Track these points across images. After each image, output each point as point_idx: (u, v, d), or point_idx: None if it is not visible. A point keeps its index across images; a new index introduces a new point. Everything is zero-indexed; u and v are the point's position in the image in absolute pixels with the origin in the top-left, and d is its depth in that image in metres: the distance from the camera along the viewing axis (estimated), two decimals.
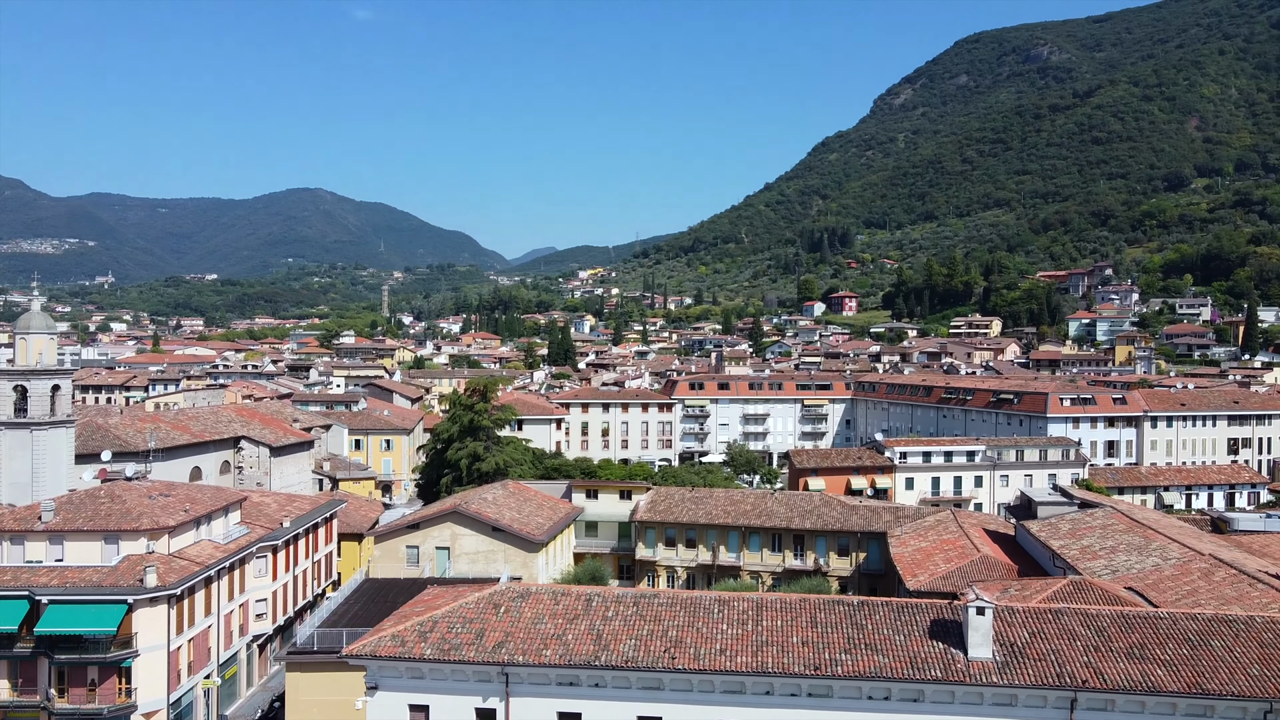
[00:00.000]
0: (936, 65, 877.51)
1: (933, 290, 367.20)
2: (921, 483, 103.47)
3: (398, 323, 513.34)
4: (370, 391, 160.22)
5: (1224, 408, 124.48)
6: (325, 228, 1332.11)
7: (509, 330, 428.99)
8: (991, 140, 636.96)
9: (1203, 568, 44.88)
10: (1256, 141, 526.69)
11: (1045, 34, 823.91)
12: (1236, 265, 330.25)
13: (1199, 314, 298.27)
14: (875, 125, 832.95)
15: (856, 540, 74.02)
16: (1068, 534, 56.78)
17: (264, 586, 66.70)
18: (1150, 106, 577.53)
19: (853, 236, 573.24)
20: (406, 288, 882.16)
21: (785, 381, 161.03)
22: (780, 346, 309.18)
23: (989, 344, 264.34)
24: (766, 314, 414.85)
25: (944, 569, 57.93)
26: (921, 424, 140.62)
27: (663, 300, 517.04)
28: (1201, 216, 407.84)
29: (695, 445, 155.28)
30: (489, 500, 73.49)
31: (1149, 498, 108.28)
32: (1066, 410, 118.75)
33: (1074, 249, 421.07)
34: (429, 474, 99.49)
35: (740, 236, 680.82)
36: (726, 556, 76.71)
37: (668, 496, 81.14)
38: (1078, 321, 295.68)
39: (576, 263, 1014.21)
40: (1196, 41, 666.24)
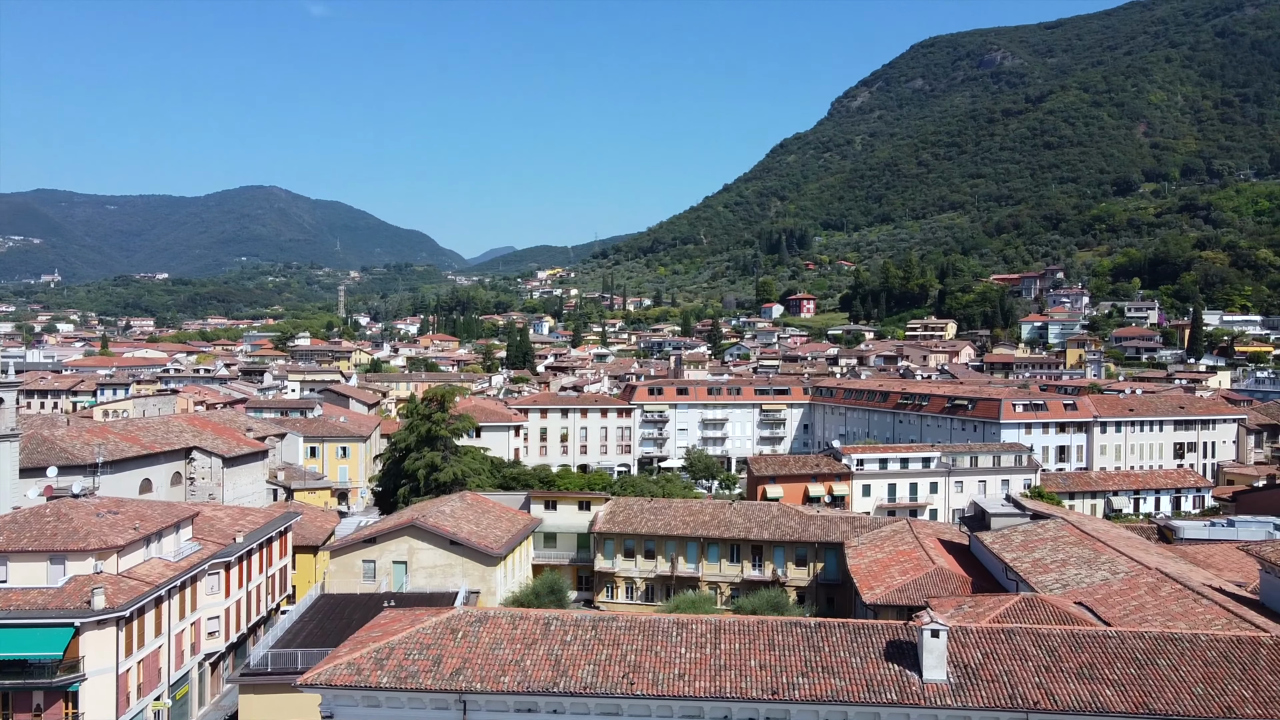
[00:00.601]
0: (893, 69, 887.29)
1: (889, 293, 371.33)
2: (878, 489, 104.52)
3: (354, 324, 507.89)
4: (326, 397, 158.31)
5: (1170, 413, 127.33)
6: (280, 226, 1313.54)
7: (467, 332, 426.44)
8: (946, 144, 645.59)
9: (1150, 582, 45.84)
10: (1201, 148, 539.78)
11: (998, 39, 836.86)
12: (1182, 269, 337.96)
13: (1146, 317, 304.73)
14: (833, 127, 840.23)
15: (814, 550, 74.60)
16: (1020, 546, 57.69)
17: (216, 604, 65.59)
18: (1100, 112, 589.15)
19: (810, 238, 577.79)
20: (363, 288, 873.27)
21: (744, 386, 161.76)
22: (739, 349, 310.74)
23: (944, 346, 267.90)
24: (725, 315, 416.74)
25: (900, 581, 58.62)
26: (878, 429, 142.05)
27: (622, 301, 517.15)
28: (1149, 221, 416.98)
29: (654, 450, 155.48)
30: (447, 513, 72.94)
31: (1099, 502, 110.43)
32: (1019, 416, 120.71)
33: (1026, 252, 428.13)
34: (386, 483, 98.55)
35: (699, 237, 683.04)
36: (685, 567, 76.92)
37: (626, 507, 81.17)
38: (1030, 324, 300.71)
39: (535, 263, 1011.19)
40: (1144, 49, 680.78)
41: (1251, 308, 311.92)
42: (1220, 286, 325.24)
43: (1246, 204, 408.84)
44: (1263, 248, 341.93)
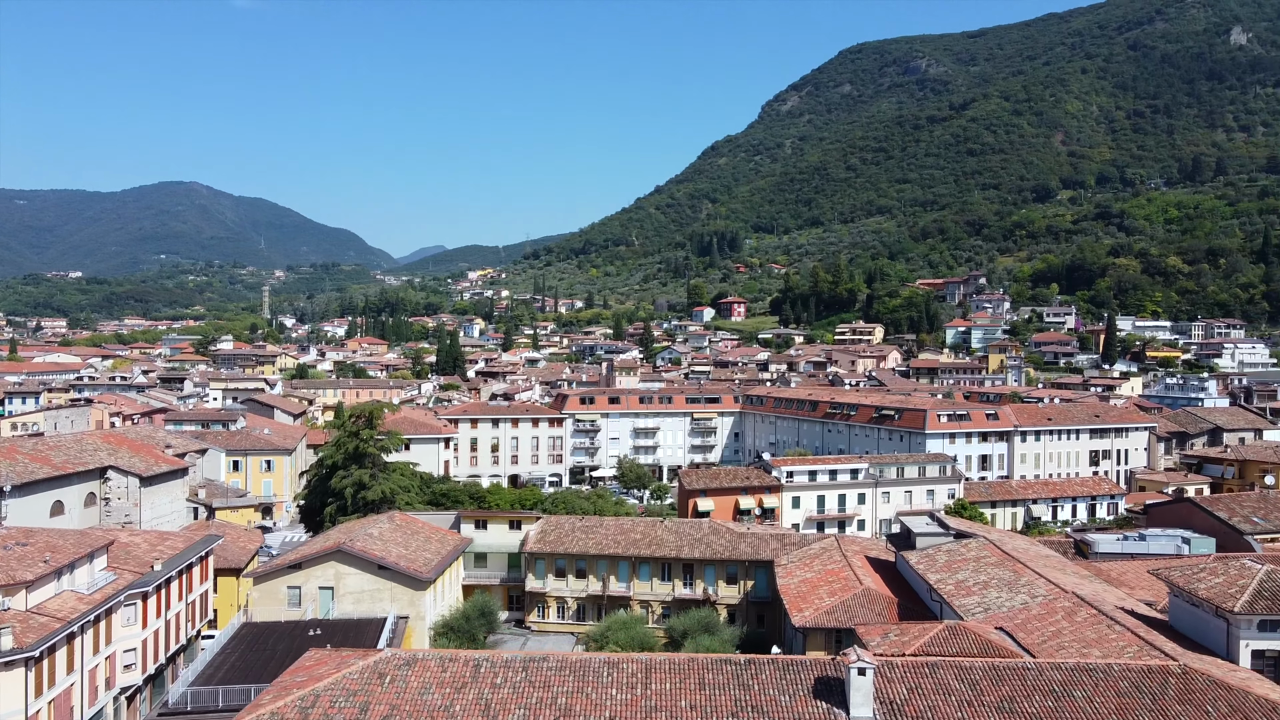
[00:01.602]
0: (821, 74, 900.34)
1: (818, 297, 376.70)
2: (807, 501, 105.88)
3: (279, 325, 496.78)
4: (249, 407, 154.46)
5: (1086, 422, 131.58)
6: (201, 223, 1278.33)
7: (396, 334, 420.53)
8: (874, 149, 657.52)
9: (1066, 606, 47.23)
10: (1115, 156, 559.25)
11: (923, 47, 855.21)
12: (1098, 275, 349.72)
13: (1064, 322, 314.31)
14: (763, 131, 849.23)
15: (745, 569, 75.22)
16: (944, 567, 58.96)
17: (133, 635, 63.39)
18: (1020, 120, 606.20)
19: (741, 241, 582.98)
20: (289, 287, 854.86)
21: (675, 395, 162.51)
22: (670, 352, 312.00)
23: (872, 351, 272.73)
24: (657, 318, 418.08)
25: (829, 603, 59.44)
26: (808, 438, 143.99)
27: (553, 303, 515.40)
28: (1066, 228, 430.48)
29: (586, 460, 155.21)
30: (375, 536, 71.76)
31: (1019, 510, 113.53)
32: (944, 426, 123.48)
33: (951, 257, 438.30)
34: (312, 501, 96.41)
35: (631, 239, 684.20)
36: (617, 586, 76.91)
37: (558, 526, 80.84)
38: (954, 329, 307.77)
39: (466, 262, 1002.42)
40: (1061, 59, 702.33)
41: (1162, 313, 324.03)
42: (1133, 293, 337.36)
43: (1157, 212, 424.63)
44: (1172, 255, 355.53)
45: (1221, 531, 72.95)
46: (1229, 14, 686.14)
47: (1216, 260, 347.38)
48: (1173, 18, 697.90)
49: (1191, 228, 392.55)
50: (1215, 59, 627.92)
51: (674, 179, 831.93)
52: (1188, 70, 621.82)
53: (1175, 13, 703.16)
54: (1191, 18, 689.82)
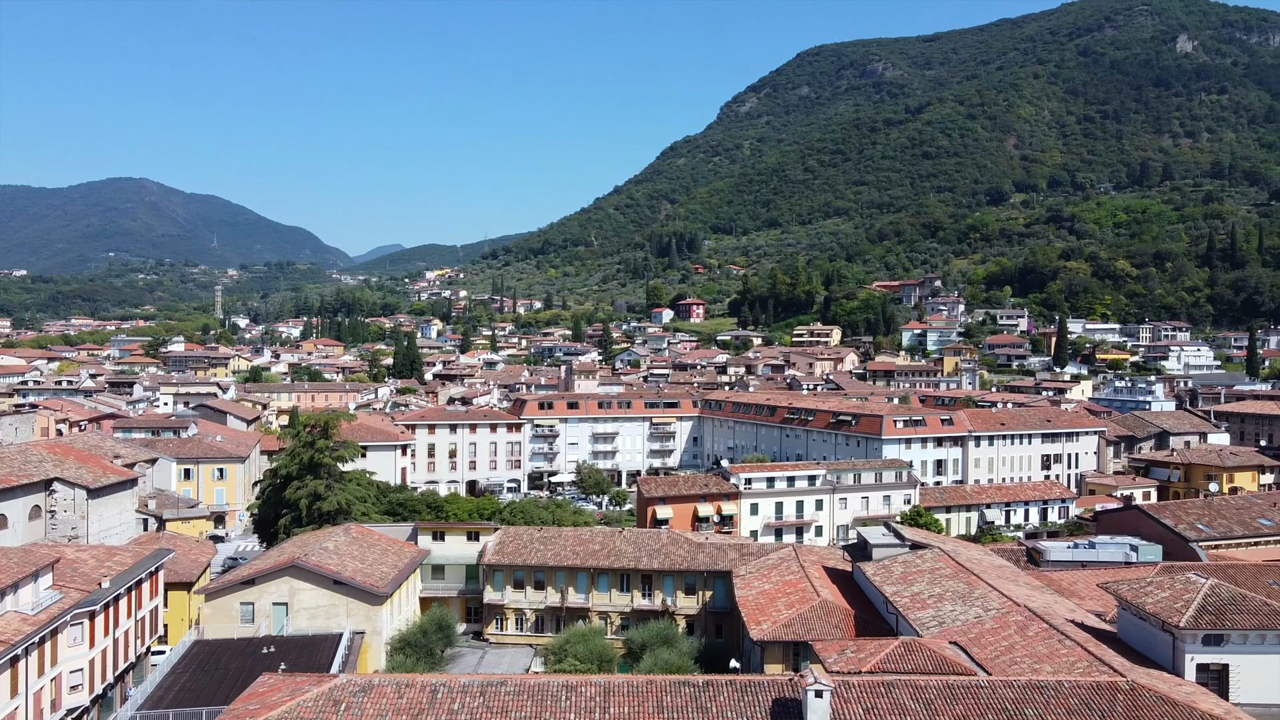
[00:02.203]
0: (780, 76, 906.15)
1: (777, 299, 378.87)
2: (766, 508, 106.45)
3: (232, 326, 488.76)
4: (201, 413, 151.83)
5: (1038, 426, 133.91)
6: (151, 220, 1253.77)
7: (352, 335, 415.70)
8: (831, 151, 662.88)
9: (1019, 621, 47.97)
10: (1066, 160, 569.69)
11: (880, 50, 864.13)
12: (1049, 278, 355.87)
13: (1017, 325, 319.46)
14: (722, 132, 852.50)
15: (703, 579, 75.43)
16: (900, 579, 59.60)
17: (80, 655, 62.00)
18: (974, 125, 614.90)
19: (700, 241, 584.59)
20: (242, 287, 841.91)
21: (634, 400, 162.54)
22: (629, 354, 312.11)
23: (829, 353, 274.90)
24: (616, 320, 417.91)
25: (786, 616, 59.81)
26: (766, 443, 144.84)
27: (512, 304, 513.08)
28: (1019, 231, 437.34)
29: (545, 465, 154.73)
30: (330, 550, 70.85)
31: (973, 515, 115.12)
32: (900, 432, 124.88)
33: (907, 259, 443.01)
34: (266, 512, 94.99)
35: (590, 239, 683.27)
36: (575, 598, 76.73)
37: (516, 537, 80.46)
38: (910, 332, 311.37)
39: (424, 261, 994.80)
40: (1014, 65, 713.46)
41: (1111, 316, 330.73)
42: (1083, 295, 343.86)
43: (1106, 216, 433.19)
44: (1121, 259, 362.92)
45: (1168, 539, 74.60)
46: (1175, 22, 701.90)
47: (1163, 264, 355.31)
48: (1121, 25, 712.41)
49: (1139, 232, 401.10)
50: (1162, 66, 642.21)
51: (633, 179, 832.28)
52: (1136, 77, 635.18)
53: (1124, 20, 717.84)
54: (1139, 25, 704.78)
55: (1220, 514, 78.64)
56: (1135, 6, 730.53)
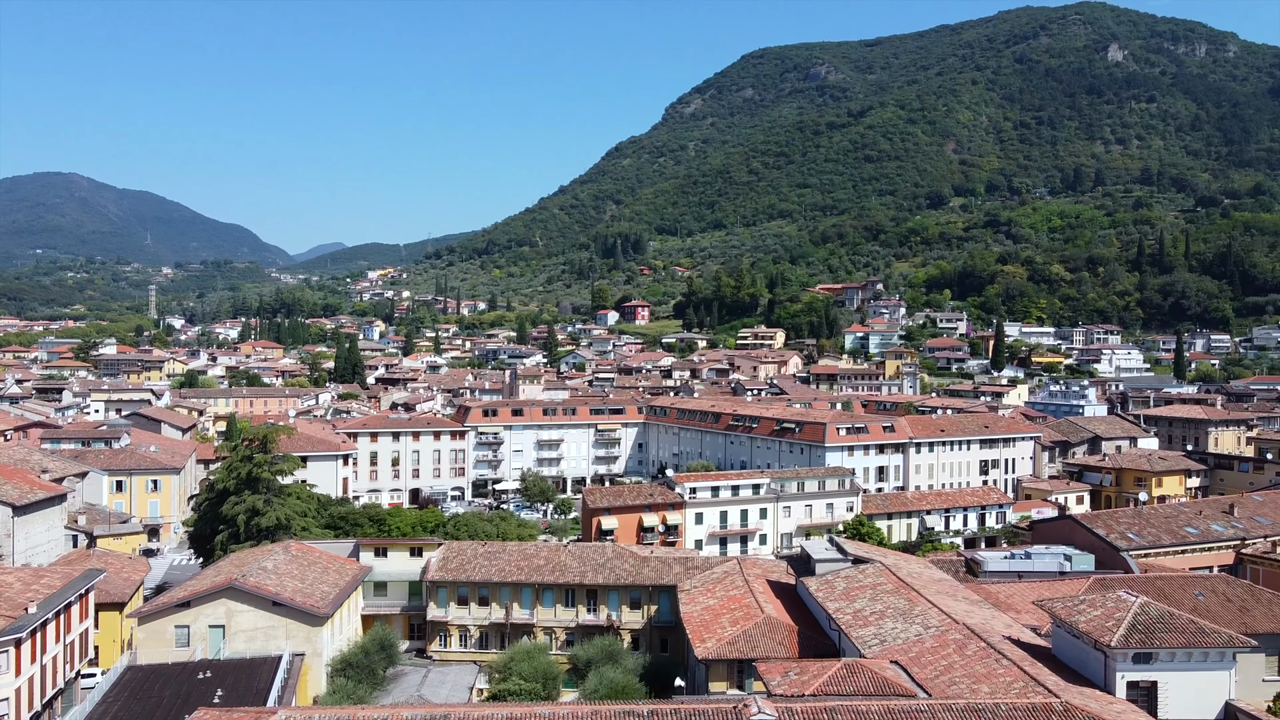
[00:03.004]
0: (724, 77, 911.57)
1: (721, 301, 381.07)
2: (710, 517, 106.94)
3: (167, 327, 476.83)
4: (135, 422, 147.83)
5: (976, 432, 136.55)
6: (81, 216, 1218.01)
7: (292, 337, 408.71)
8: (775, 153, 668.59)
9: (957, 639, 48.84)
10: (1003, 165, 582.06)
11: (823, 54, 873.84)
12: (987, 282, 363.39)
13: (956, 328, 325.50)
14: (667, 133, 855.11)
15: (648, 593, 75.51)
16: (842, 595, 60.31)
17: (5, 684, 59.93)
18: (914, 129, 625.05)
19: (645, 243, 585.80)
20: (178, 286, 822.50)
21: (579, 406, 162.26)
22: (574, 357, 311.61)
23: (774, 356, 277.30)
24: (561, 321, 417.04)
25: (730, 633, 60.16)
26: (710, 449, 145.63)
27: (456, 305, 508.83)
28: (958, 235, 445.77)
29: (489, 473, 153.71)
30: (269, 569, 69.52)
31: (914, 521, 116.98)
32: (842, 439, 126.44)
33: (850, 261, 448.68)
34: (202, 527, 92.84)
35: (534, 240, 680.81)
36: (520, 614, 76.29)
37: (460, 552, 79.74)
38: (853, 335, 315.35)
39: (366, 261, 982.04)
40: (953, 70, 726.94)
41: (1046, 319, 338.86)
42: (1020, 299, 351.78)
43: (1041, 221, 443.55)
44: (1055, 263, 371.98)
45: (1100, 548, 76.60)
46: (1107, 32, 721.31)
47: (1095, 268, 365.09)
48: (1056, 33, 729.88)
49: (1073, 237, 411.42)
50: (1094, 74, 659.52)
51: (578, 179, 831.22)
52: (1069, 84, 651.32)
53: (1058, 29, 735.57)
54: (1073, 34, 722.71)
55: (1149, 523, 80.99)
56: (1069, 15, 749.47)
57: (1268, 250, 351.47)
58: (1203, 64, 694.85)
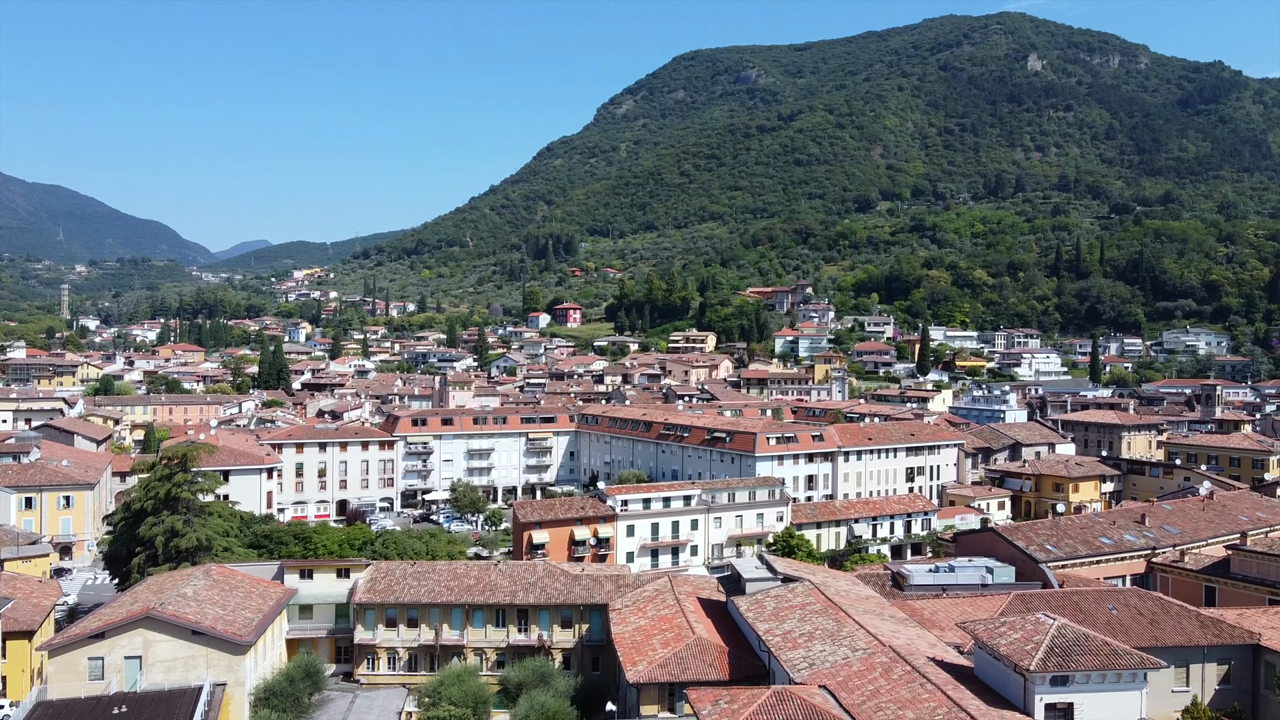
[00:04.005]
0: (656, 79, 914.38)
1: (653, 304, 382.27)
2: (642, 529, 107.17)
3: (81, 329, 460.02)
4: (46, 434, 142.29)
5: (903, 440, 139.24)
6: None
7: (214, 339, 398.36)
8: (706, 155, 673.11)
9: (884, 662, 49.68)
10: (928, 171, 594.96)
11: (753, 57, 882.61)
12: (913, 286, 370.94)
13: (883, 331, 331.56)
14: (599, 133, 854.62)
15: (579, 612, 75.32)
16: (772, 615, 60.90)
17: None
18: (843, 134, 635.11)
19: (577, 244, 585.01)
20: (92, 284, 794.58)
21: (510, 415, 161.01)
22: (505, 361, 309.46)
23: (705, 360, 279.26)
24: (492, 323, 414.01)
25: (662, 655, 60.33)
26: (642, 458, 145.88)
27: (384, 306, 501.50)
28: (885, 239, 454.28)
29: (419, 483, 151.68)
30: (189, 596, 67.53)
31: (842, 530, 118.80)
32: (773, 449, 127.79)
33: (780, 265, 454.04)
34: (118, 548, 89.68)
35: (465, 240, 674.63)
36: (450, 635, 75.45)
37: (388, 573, 78.51)
38: (783, 338, 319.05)
39: (291, 260, 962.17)
40: (880, 77, 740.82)
41: (969, 323, 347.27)
42: (944, 303, 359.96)
43: (965, 226, 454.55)
44: (978, 268, 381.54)
45: (1020, 560, 78.65)
46: (1026, 42, 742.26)
47: (1016, 274, 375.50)
48: (978, 42, 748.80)
49: (995, 242, 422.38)
50: (1015, 83, 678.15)
51: (509, 179, 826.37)
52: (991, 92, 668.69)
53: (980, 38, 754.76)
54: (994, 43, 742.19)
55: (1066, 534, 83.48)
56: (990, 25, 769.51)
57: (1176, 257, 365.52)
58: (1116, 75, 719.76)
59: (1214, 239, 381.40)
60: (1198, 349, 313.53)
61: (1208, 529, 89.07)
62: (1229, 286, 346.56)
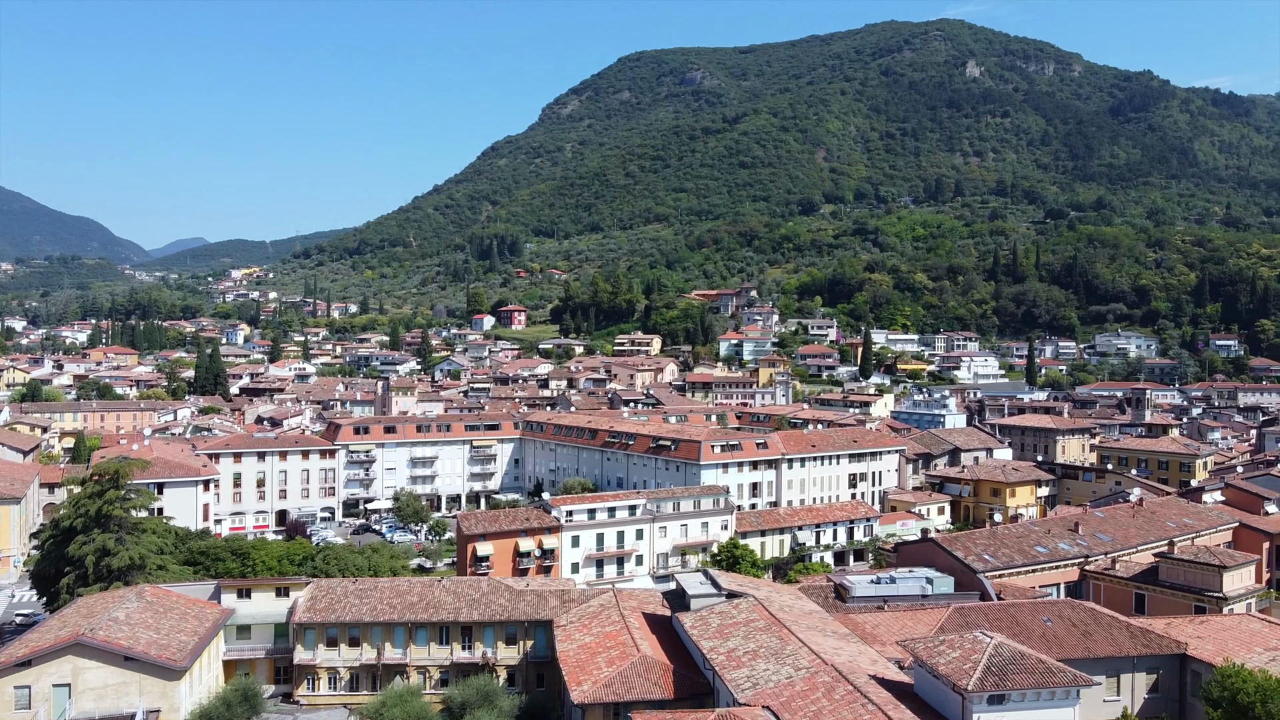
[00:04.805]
0: (601, 79, 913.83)
1: (598, 307, 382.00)
2: (587, 539, 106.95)
3: (7, 330, 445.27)
4: None
5: (846, 447, 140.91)
6: None
7: (148, 341, 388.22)
8: (652, 157, 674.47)
9: (826, 682, 50.25)
10: (870, 174, 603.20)
11: (698, 59, 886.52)
12: (856, 289, 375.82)
13: (826, 334, 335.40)
14: (544, 133, 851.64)
15: (524, 629, 74.93)
16: (716, 632, 61.24)
17: None
18: (787, 136, 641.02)
19: (522, 245, 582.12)
20: (19, 283, 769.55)
21: (454, 423, 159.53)
22: (449, 364, 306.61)
23: (650, 364, 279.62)
24: (435, 325, 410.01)
25: (606, 674, 60.29)
26: (587, 466, 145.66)
27: (326, 307, 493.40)
28: (828, 242, 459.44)
29: (361, 492, 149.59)
30: (121, 620, 65.75)
31: (786, 538, 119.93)
32: (717, 457, 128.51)
33: (725, 267, 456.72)
34: (47, 567, 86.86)
35: (408, 240, 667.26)
36: (392, 653, 74.54)
37: (329, 591, 77.29)
38: (728, 341, 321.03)
39: (229, 258, 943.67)
40: (823, 80, 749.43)
41: (910, 326, 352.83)
42: (886, 306, 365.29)
43: (906, 230, 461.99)
44: (919, 272, 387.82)
45: (959, 570, 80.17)
46: (965, 48, 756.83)
47: (955, 277, 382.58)
48: (919, 48, 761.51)
49: (935, 246, 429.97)
50: (954, 89, 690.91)
51: (453, 178, 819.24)
52: (931, 97, 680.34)
53: (920, 44, 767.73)
54: (934, 49, 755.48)
55: (1003, 543, 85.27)
56: (930, 31, 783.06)
57: (1108, 262, 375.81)
58: (1051, 82, 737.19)
59: (1144, 244, 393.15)
60: (1129, 352, 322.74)
61: (1137, 536, 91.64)
62: (1158, 291, 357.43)
